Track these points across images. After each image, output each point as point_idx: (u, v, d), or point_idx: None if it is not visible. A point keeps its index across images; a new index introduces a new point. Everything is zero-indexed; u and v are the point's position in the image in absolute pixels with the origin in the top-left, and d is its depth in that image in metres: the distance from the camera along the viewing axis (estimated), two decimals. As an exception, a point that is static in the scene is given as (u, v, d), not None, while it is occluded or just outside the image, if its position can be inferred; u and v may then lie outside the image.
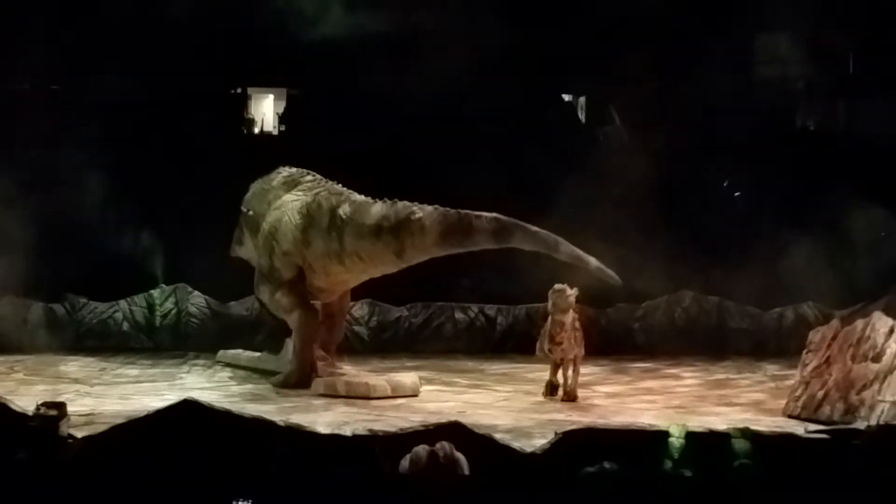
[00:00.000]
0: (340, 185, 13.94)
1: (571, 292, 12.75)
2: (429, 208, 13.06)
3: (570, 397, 12.88)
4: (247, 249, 14.79)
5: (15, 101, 19.27)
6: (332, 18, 17.66)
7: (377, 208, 13.28)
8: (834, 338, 12.08)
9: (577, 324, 13.07)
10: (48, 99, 19.99)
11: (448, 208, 13.02)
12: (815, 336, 12.43)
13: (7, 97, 19.50)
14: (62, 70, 19.72)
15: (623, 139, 21.44)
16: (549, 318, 12.96)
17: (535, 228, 12.85)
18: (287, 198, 14.00)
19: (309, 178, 14.20)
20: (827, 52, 21.18)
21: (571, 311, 12.88)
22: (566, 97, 22.71)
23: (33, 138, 17.88)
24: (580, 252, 12.80)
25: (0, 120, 17.84)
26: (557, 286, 12.77)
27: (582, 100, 22.69)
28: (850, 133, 21.63)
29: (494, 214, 12.92)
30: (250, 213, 14.48)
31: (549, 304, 12.84)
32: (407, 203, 13.18)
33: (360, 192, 13.74)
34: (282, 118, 22.53)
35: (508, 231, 12.84)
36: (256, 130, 22.52)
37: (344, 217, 13.35)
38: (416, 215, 13.03)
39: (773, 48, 21.95)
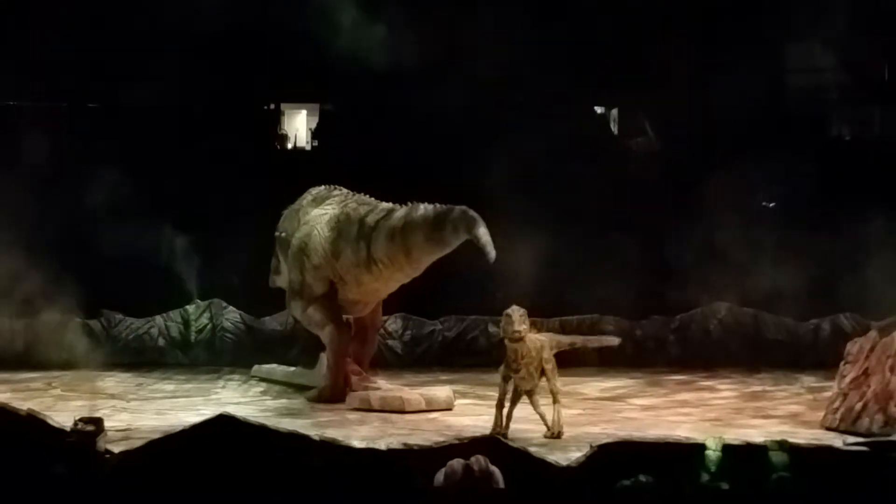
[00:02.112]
0: (370, 196, 13.99)
1: (519, 319, 11.14)
2: (429, 206, 13.12)
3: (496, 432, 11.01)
4: (284, 277, 14.64)
5: (49, 117, 19.48)
6: (364, 34, 17.73)
7: (399, 213, 13.36)
8: (872, 349, 11.97)
9: (547, 354, 11.44)
10: (83, 115, 20.21)
11: (445, 205, 12.99)
12: (852, 347, 12.32)
13: (42, 113, 19.71)
14: (99, 86, 19.92)
15: (655, 149, 21.39)
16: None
17: (472, 214, 12.69)
18: (316, 212, 14.07)
19: (337, 192, 14.26)
20: (861, 59, 21.05)
21: (537, 338, 11.46)
22: (598, 109, 22.69)
23: (68, 155, 18.05)
24: (482, 233, 12.53)
25: (36, 136, 18.03)
26: (508, 310, 11.23)
27: (614, 111, 22.66)
28: (885, 141, 21.47)
29: (464, 207, 12.84)
30: (283, 234, 14.50)
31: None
32: (418, 204, 13.23)
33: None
34: (314, 133, 22.63)
35: (459, 220, 12.75)
36: (289, 146, 22.64)
37: (371, 224, 13.41)
38: (417, 212, 13.12)
39: (806, 56, 21.84)
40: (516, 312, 11.24)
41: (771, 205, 20.67)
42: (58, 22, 18.82)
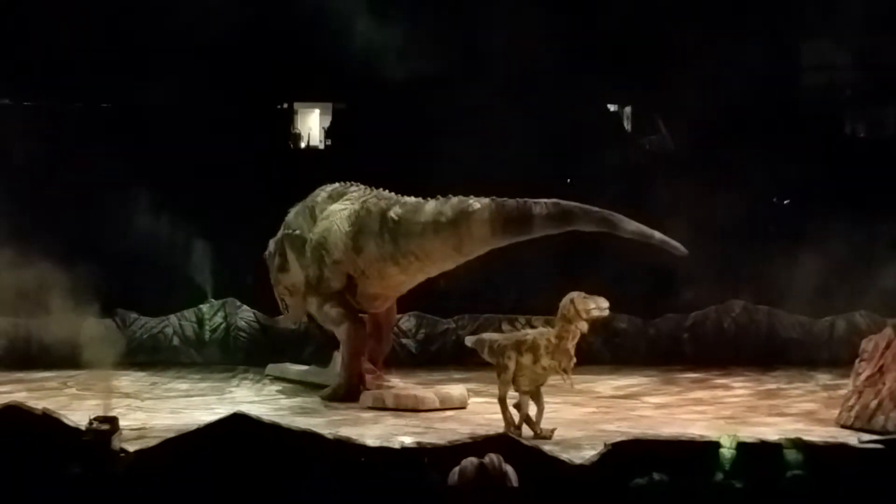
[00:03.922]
0: (387, 191, 13.98)
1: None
2: (485, 200, 13.05)
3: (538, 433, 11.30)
4: (293, 274, 14.58)
5: (64, 118, 19.54)
6: (376, 34, 17.74)
7: (430, 206, 13.30)
8: (887, 347, 11.95)
9: None
10: (96, 115, 20.27)
11: (505, 198, 13.01)
12: (867, 345, 12.29)
13: (55, 114, 19.78)
14: (111, 86, 19.97)
15: (669, 148, 21.35)
16: (556, 327, 11.33)
17: (595, 209, 12.77)
18: (334, 208, 14.06)
19: (354, 188, 14.26)
20: (877, 58, 20.97)
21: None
22: (612, 107, 22.66)
23: (81, 154, 18.11)
24: (643, 227, 12.64)
25: (51, 136, 18.10)
26: (582, 294, 11.33)
27: (628, 109, 22.63)
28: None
29: (554, 200, 12.86)
30: (296, 232, 14.45)
31: (574, 311, 11.22)
32: (462, 197, 13.19)
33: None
34: (327, 132, 22.66)
35: (570, 214, 12.79)
36: (303, 145, 22.67)
37: (396, 218, 13.38)
38: (474, 207, 13.02)
39: (821, 55, 21.76)
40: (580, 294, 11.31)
41: (786, 202, 20.62)
42: (73, 22, 18.90)
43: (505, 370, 11.51)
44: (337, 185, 14.46)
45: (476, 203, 13.04)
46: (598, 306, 11.29)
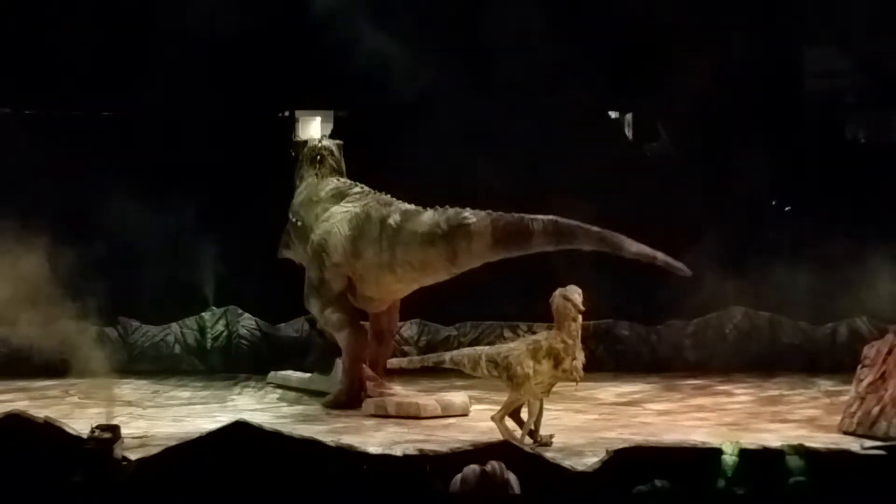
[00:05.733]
0: (389, 195, 14.01)
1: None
2: (482, 213, 13.05)
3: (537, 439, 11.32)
4: (294, 253, 14.90)
5: (66, 127, 19.56)
6: (378, 40, 17.75)
7: (428, 216, 13.30)
8: (889, 352, 11.94)
9: None
10: (98, 124, 20.28)
11: (501, 212, 13.01)
12: (869, 351, 12.28)
13: (57, 123, 19.80)
14: (113, 94, 19.98)
15: (670, 154, 21.35)
16: (564, 328, 11.26)
17: (596, 228, 12.79)
18: (335, 209, 14.11)
19: (356, 189, 14.31)
20: (879, 61, 20.99)
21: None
22: (612, 114, 22.65)
23: (81, 162, 18.12)
24: (645, 247, 12.62)
25: (52, 145, 18.10)
26: (567, 288, 11.37)
27: (629, 116, 22.62)
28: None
29: (552, 217, 12.88)
30: (299, 223, 14.57)
31: (574, 307, 11.27)
32: (458, 209, 13.18)
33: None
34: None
35: (569, 232, 12.81)
36: (304, 153, 22.65)
37: (394, 226, 13.39)
38: (469, 220, 13.01)
39: (824, 59, 21.76)
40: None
41: (787, 208, 20.61)
42: (72, 27, 18.93)
43: (527, 380, 11.35)
44: (341, 182, 14.50)
45: (472, 216, 13.04)
46: (580, 294, 11.39)
